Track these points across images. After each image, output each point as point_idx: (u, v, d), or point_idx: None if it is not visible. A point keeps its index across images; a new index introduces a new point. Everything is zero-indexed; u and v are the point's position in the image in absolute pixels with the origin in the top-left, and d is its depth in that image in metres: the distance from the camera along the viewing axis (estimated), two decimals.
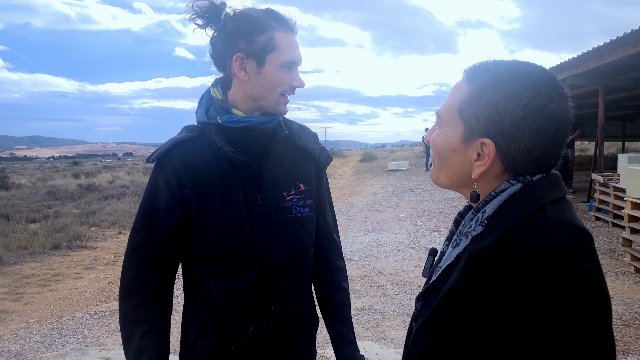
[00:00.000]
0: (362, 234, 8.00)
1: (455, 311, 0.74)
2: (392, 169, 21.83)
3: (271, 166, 1.34)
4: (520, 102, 0.75)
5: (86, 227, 9.22)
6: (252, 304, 1.32)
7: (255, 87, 1.29)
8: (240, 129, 1.31)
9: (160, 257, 1.32)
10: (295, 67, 1.30)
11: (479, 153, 0.80)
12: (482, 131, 0.79)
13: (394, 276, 5.57)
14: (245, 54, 1.26)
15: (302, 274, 1.42)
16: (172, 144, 1.31)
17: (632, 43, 7.00)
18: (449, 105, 0.85)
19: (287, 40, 1.27)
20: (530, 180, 0.79)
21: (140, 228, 1.33)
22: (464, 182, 0.85)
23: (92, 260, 7.08)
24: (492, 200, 0.79)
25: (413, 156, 31.65)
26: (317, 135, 1.53)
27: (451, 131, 0.83)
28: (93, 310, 4.96)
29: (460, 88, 0.83)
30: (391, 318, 4.31)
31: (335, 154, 40.16)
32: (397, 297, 4.83)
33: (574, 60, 9.35)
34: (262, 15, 1.26)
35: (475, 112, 0.79)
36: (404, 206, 10.94)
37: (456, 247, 0.82)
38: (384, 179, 17.77)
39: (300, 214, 1.38)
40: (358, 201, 12.16)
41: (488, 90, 0.78)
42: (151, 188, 1.33)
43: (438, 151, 0.87)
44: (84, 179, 21.29)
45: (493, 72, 0.80)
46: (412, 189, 14.13)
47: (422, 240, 7.30)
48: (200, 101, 1.39)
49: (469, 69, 0.84)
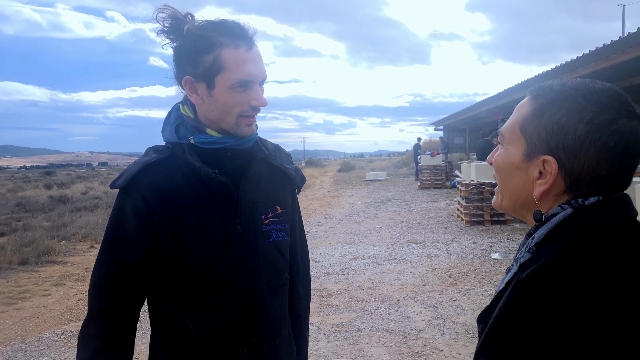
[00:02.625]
0: (341, 246, 7.93)
1: (505, 339, 0.71)
2: (371, 179, 21.91)
3: (249, 188, 1.24)
4: (584, 117, 0.73)
5: (56, 241, 8.91)
6: (233, 339, 1.23)
7: (211, 110, 1.19)
8: (215, 150, 1.22)
9: (128, 295, 1.21)
10: (252, 85, 1.17)
11: (540, 171, 0.77)
12: (544, 147, 0.76)
13: (372, 290, 5.50)
14: (194, 76, 1.17)
15: (282, 302, 1.33)
16: (140, 167, 1.19)
17: (603, 57, 7.14)
18: (511, 123, 0.83)
19: (237, 57, 1.14)
20: (581, 205, 0.74)
21: (105, 262, 1.20)
22: (526, 203, 0.82)
23: (62, 276, 6.83)
24: (542, 226, 0.76)
25: (391, 166, 31.86)
26: (291, 155, 1.46)
27: (513, 149, 0.81)
28: (61, 329, 4.75)
29: (523, 106, 0.82)
30: (370, 334, 4.23)
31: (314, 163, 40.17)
32: (376, 312, 4.76)
33: (548, 74, 9.52)
34: (211, 31, 1.14)
35: (537, 129, 0.77)
36: (382, 217, 10.91)
37: (508, 272, 0.80)
38: (362, 190, 17.78)
39: (278, 238, 1.29)
40: (336, 212, 12.10)
41: (551, 107, 0.76)
42: (116, 217, 1.20)
43: (500, 171, 0.84)
44: (56, 190, 20.76)
45: (557, 89, 0.78)
46: (390, 200, 14.15)
47: (401, 253, 7.26)
48: (167, 119, 1.28)
49: (533, 88, 0.82)
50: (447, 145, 22.49)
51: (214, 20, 1.17)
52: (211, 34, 1.14)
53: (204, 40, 1.13)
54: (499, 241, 7.80)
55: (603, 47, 6.89)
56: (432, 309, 4.79)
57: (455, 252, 7.18)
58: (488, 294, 5.15)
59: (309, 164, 39.60)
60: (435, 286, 5.54)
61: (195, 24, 1.16)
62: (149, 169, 1.19)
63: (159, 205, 1.17)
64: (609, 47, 6.84)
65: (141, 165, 1.19)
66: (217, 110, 1.18)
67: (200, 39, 1.14)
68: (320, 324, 4.50)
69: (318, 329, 4.38)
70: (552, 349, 0.64)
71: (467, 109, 19.62)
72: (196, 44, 1.14)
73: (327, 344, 4.07)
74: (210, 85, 1.16)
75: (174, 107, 1.30)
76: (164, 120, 1.29)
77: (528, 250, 0.77)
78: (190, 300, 1.21)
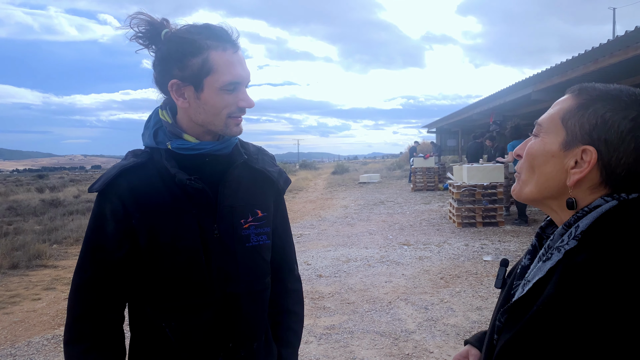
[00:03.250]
0: (333, 249, 7.93)
1: (551, 324, 0.73)
2: (364, 181, 21.93)
3: (227, 192, 1.25)
4: (629, 115, 0.77)
5: (47, 245, 8.85)
6: (209, 343, 1.23)
7: (198, 113, 1.19)
8: (193, 156, 1.22)
9: (110, 297, 1.21)
10: (239, 86, 1.18)
11: (576, 161, 0.80)
12: (586, 138, 0.79)
13: (364, 292, 5.51)
14: (181, 79, 1.17)
15: (261, 307, 1.33)
16: (119, 171, 1.20)
17: (592, 60, 7.20)
18: (551, 115, 0.86)
19: (225, 59, 1.15)
20: (625, 198, 0.77)
21: (86, 265, 1.20)
22: (555, 191, 0.84)
23: (53, 280, 6.79)
24: (586, 216, 0.79)
25: (385, 168, 31.92)
26: (275, 157, 1.46)
27: (550, 138, 0.85)
28: (50, 334, 4.72)
29: (565, 101, 0.85)
30: (361, 337, 4.24)
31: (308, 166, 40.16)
32: (367, 315, 4.77)
33: (539, 76, 9.59)
34: (197, 34, 1.15)
35: (580, 120, 0.81)
36: (375, 219, 10.93)
37: (547, 261, 0.81)
38: (355, 192, 17.80)
39: (258, 242, 1.30)
40: (330, 215, 12.11)
41: (597, 102, 0.80)
42: (96, 220, 1.21)
43: (532, 158, 0.86)
44: (49, 194, 20.63)
45: (601, 88, 0.82)
46: (383, 202, 14.17)
47: (393, 255, 7.28)
48: (147, 123, 1.29)
49: (574, 87, 0.86)
50: (439, 147, 22.59)
51: (197, 24, 1.17)
52: (197, 37, 1.14)
53: (191, 43, 1.14)
54: (490, 243, 7.83)
55: (592, 50, 6.96)
56: (423, 310, 4.80)
57: (447, 253, 7.20)
58: (479, 296, 5.17)
59: (303, 167, 39.59)
60: (427, 288, 5.55)
61: (176, 28, 1.17)
62: (127, 173, 1.20)
63: (137, 209, 1.18)
64: (598, 50, 6.91)
65: (119, 169, 1.20)
66: (205, 113, 1.19)
67: (187, 42, 1.14)
68: (311, 326, 4.51)
69: (309, 331, 4.38)
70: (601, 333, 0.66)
71: (460, 112, 19.70)
72: (183, 47, 1.14)
73: (317, 346, 4.07)
74: (199, 88, 1.16)
75: (154, 111, 1.30)
76: (144, 124, 1.30)
77: (574, 238, 0.78)
78: (167, 303, 1.21)
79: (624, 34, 5.94)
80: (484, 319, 4.50)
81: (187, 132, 1.23)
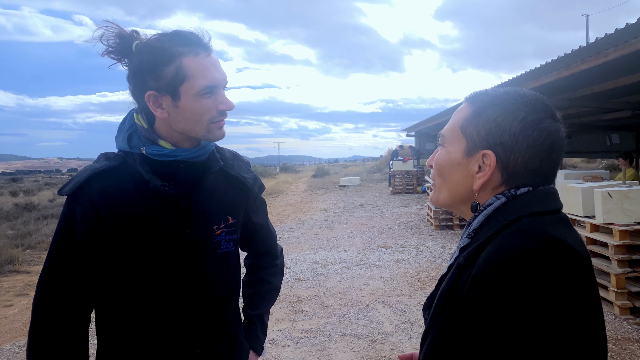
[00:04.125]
0: (312, 252, 7.94)
1: (445, 318, 0.77)
2: (344, 184, 22.00)
3: (201, 199, 1.24)
4: (518, 116, 0.82)
5: (21, 250, 8.67)
6: (177, 348, 1.23)
7: (178, 122, 1.18)
8: (168, 162, 1.21)
9: (77, 301, 1.19)
10: (217, 89, 1.17)
11: (479, 165, 0.85)
12: (484, 144, 0.84)
13: (342, 295, 5.52)
14: (156, 90, 1.15)
15: (228, 311, 1.34)
16: (90, 174, 1.17)
17: (565, 66, 7.36)
18: (451, 125, 0.90)
19: (199, 64, 1.13)
20: (514, 194, 0.82)
21: (54, 269, 1.18)
22: (465, 196, 0.88)
23: (25, 285, 6.64)
24: (479, 215, 0.83)
25: (365, 171, 32.05)
26: (250, 163, 1.46)
27: (454, 147, 0.89)
28: (22, 341, 4.62)
29: (462, 110, 0.90)
30: (338, 340, 4.25)
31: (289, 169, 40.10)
32: (345, 318, 4.79)
33: (513, 81, 9.74)
34: (167, 42, 1.13)
35: (476, 127, 0.85)
36: (355, 222, 10.97)
37: (451, 259, 0.88)
38: (335, 195, 17.84)
39: (227, 249, 1.30)
40: (309, 218, 12.11)
41: (488, 108, 0.85)
42: (65, 223, 1.18)
43: (440, 168, 0.91)
44: (23, 197, 20.16)
45: (492, 94, 0.87)
46: (362, 205, 14.24)
47: (371, 258, 7.32)
48: (121, 126, 1.27)
49: (469, 95, 0.91)
50: (418, 151, 22.78)
51: (167, 32, 1.16)
52: (168, 44, 1.13)
53: (163, 52, 1.12)
54: None
55: (564, 56, 7.11)
56: (401, 313, 4.84)
57: (425, 256, 7.27)
58: None
59: (283, 170, 39.47)
60: (404, 290, 5.60)
61: (146, 39, 1.15)
62: (99, 177, 1.18)
63: (108, 213, 1.17)
64: (570, 56, 7.06)
65: (91, 172, 1.18)
66: (185, 121, 1.17)
67: (158, 51, 1.12)
68: (289, 330, 4.50)
69: (287, 335, 4.38)
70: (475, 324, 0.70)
71: (438, 115, 19.91)
72: (155, 57, 1.12)
73: (295, 350, 4.07)
74: (176, 97, 1.15)
75: (129, 114, 1.28)
76: (118, 127, 1.28)
77: (467, 236, 0.84)
78: (136, 309, 1.20)
79: (594, 40, 6.09)
80: None
81: (165, 139, 1.22)
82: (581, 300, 0.69)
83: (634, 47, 5.59)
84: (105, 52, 1.17)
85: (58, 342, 1.18)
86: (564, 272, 0.69)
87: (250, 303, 1.48)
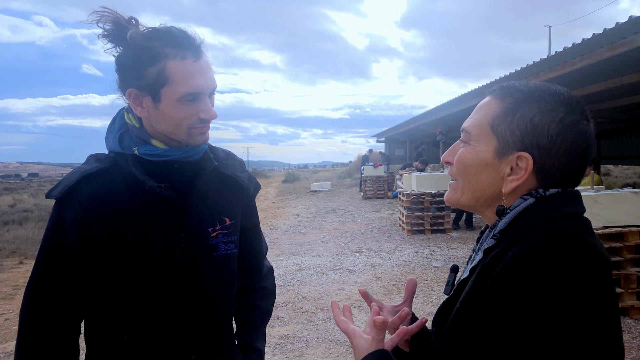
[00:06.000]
0: (286, 258, 7.88)
1: (471, 321, 0.74)
2: (315, 189, 22.01)
3: (196, 200, 1.19)
4: (556, 117, 0.77)
5: None
6: (172, 355, 1.18)
7: (158, 122, 1.14)
8: (161, 162, 1.17)
9: (67, 309, 1.13)
10: (200, 97, 1.11)
11: (512, 167, 0.80)
12: (518, 145, 0.79)
13: (318, 300, 5.50)
14: (138, 88, 1.11)
15: (226, 318, 1.30)
16: (81, 177, 1.12)
17: (534, 74, 7.58)
18: (478, 121, 0.84)
19: (183, 69, 1.08)
20: (543, 195, 0.79)
21: (43, 277, 1.12)
22: (490, 199, 0.84)
23: None
24: (507, 215, 0.80)
25: (335, 177, 32.15)
26: (244, 162, 1.42)
27: (482, 146, 0.83)
28: None
29: (489, 105, 0.84)
30: (316, 345, 4.22)
31: (258, 174, 39.89)
32: (322, 323, 4.76)
33: (484, 88, 9.97)
34: (155, 41, 1.08)
35: (510, 127, 0.80)
36: (327, 227, 10.97)
37: (472, 262, 0.83)
38: (307, 200, 17.81)
39: (226, 251, 1.25)
40: (282, 223, 12.04)
41: (523, 106, 0.79)
42: (55, 228, 1.13)
43: (465, 167, 0.85)
44: None
45: (524, 90, 0.81)
46: (334, 210, 14.26)
47: (345, 262, 7.32)
48: (111, 126, 1.22)
49: (496, 89, 0.85)
50: (388, 157, 23.02)
51: (159, 29, 1.11)
52: (155, 44, 1.08)
53: (148, 51, 1.07)
54: (439, 249, 8.03)
55: (533, 64, 7.32)
56: None
57: (398, 260, 7.32)
58: (430, 302, 5.28)
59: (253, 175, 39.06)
60: (380, 295, 5.61)
61: (140, 30, 1.10)
62: (90, 179, 1.13)
63: (100, 217, 1.12)
64: (539, 65, 7.27)
65: (81, 175, 1.13)
66: (165, 123, 1.13)
67: (143, 50, 1.08)
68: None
69: None
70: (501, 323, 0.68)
71: (408, 122, 20.18)
72: (139, 55, 1.08)
73: (272, 356, 4.02)
74: (156, 98, 1.10)
75: (119, 113, 1.23)
76: (108, 127, 1.23)
77: (492, 237, 0.80)
78: (130, 315, 1.16)
79: (562, 49, 6.29)
80: None
81: (154, 137, 1.17)
82: (608, 306, 0.68)
83: (599, 57, 5.80)
84: (101, 35, 1.12)
85: (48, 354, 1.11)
86: (595, 276, 0.68)
87: (239, 331, 1.41)
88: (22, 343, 1.12)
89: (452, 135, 15.75)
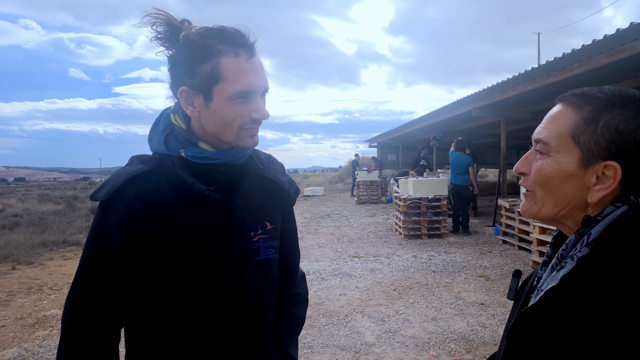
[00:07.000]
0: None
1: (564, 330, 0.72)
2: (309, 194, 21.99)
3: (240, 204, 1.17)
4: None
5: None
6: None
7: (208, 123, 1.11)
8: (207, 165, 1.14)
9: (110, 314, 1.11)
10: (253, 95, 1.10)
11: (597, 176, 0.79)
12: (604, 154, 0.78)
13: (319, 306, 5.46)
14: (190, 87, 1.09)
15: (267, 325, 1.26)
16: (126, 179, 1.09)
17: (531, 80, 7.64)
18: (556, 132, 0.82)
19: (237, 66, 1.06)
20: (635, 202, 0.77)
21: (87, 282, 1.09)
22: (574, 210, 0.83)
23: None
24: (599, 223, 0.78)
25: (327, 182, 32.16)
26: (284, 165, 1.39)
27: (565, 158, 0.81)
28: None
29: (565, 115, 0.82)
30: (321, 351, 4.18)
31: None
32: (325, 329, 4.72)
33: (480, 94, 10.05)
34: (209, 38, 1.06)
35: (594, 136, 0.78)
36: (323, 232, 10.94)
37: (561, 269, 0.80)
38: (301, 205, 17.77)
39: (267, 256, 1.22)
40: None
41: (604, 114, 0.78)
42: (99, 231, 1.09)
43: (546, 180, 0.83)
44: None
45: (602, 97, 0.80)
46: (329, 215, 14.24)
47: (345, 267, 7.29)
48: (155, 127, 1.19)
49: (567, 96, 0.84)
50: (380, 162, 23.11)
51: (212, 27, 1.09)
52: (209, 41, 1.06)
53: (201, 48, 1.06)
54: (437, 254, 8.04)
55: (531, 70, 7.39)
56: (380, 323, 4.82)
57: (397, 265, 7.31)
58: (432, 306, 5.26)
59: None
60: (381, 300, 5.59)
61: (192, 31, 1.08)
62: (136, 181, 1.10)
63: (146, 220, 1.09)
64: (536, 71, 7.34)
65: (127, 176, 1.09)
66: (215, 124, 1.11)
67: (197, 47, 1.06)
68: None
69: None
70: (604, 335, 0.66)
71: (401, 127, 20.27)
72: (193, 52, 1.06)
73: None
74: (208, 97, 1.08)
75: (163, 114, 1.20)
76: (151, 128, 1.20)
77: (586, 246, 0.78)
78: (174, 321, 1.12)
79: (562, 55, 6.35)
80: (440, 329, 4.58)
81: (202, 139, 1.15)
82: None
83: (599, 63, 5.86)
84: (154, 38, 1.09)
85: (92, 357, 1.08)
86: None
87: (274, 338, 1.36)
88: (64, 349, 1.09)
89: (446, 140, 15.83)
